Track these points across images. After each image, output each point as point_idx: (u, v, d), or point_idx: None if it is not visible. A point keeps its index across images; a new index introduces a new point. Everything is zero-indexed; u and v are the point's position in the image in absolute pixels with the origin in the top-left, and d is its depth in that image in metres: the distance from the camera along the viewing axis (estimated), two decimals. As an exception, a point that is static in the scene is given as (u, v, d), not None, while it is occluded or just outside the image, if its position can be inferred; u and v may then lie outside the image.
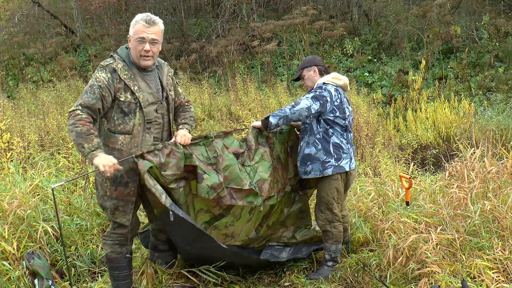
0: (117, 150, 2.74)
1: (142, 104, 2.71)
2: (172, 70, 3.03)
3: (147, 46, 2.69)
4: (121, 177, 2.75)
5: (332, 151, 3.27)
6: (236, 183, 3.08)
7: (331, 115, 3.25)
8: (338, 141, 3.28)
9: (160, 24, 2.75)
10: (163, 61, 2.99)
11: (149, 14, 2.75)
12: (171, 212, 2.68)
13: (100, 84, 2.65)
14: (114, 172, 2.56)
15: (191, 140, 2.92)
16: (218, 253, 3.05)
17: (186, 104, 3.08)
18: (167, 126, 2.92)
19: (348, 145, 3.36)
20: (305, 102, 3.17)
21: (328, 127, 3.28)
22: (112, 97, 2.69)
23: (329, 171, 3.27)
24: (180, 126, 2.96)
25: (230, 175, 3.06)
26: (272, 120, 3.20)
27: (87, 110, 2.63)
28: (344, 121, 3.29)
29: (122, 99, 2.69)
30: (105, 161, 2.52)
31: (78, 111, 2.61)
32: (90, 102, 2.63)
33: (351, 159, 3.36)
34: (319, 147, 3.27)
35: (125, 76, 2.70)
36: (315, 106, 3.17)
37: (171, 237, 3.07)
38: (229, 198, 3.05)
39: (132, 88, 2.70)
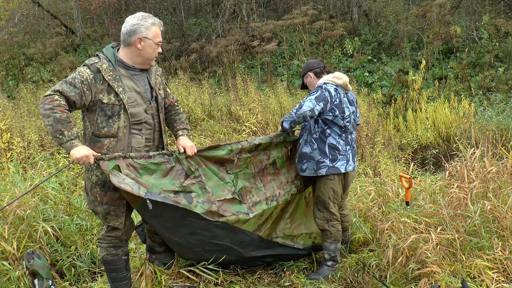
0: (104, 155, 2.67)
1: (126, 106, 2.64)
2: (160, 69, 2.97)
3: (160, 48, 2.76)
4: (109, 182, 2.67)
5: (327, 152, 3.28)
6: (217, 195, 3.04)
7: (330, 114, 3.26)
8: (334, 142, 3.29)
9: None
10: None
11: (150, 15, 2.76)
12: (148, 201, 2.57)
13: (83, 79, 2.57)
14: (87, 164, 2.51)
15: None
16: (205, 233, 2.97)
17: (175, 104, 3.05)
18: (158, 127, 2.87)
19: (347, 146, 3.34)
20: (308, 104, 3.19)
21: (325, 127, 3.29)
22: (92, 97, 2.61)
23: (322, 171, 3.29)
24: (180, 133, 2.97)
25: (213, 188, 3.04)
26: (285, 125, 3.33)
27: (65, 99, 2.55)
28: (342, 121, 3.29)
29: (105, 101, 2.61)
30: (81, 153, 2.47)
31: (57, 97, 2.51)
32: (68, 93, 2.54)
33: (348, 161, 3.33)
34: (315, 146, 3.30)
35: (109, 77, 2.62)
36: (318, 107, 3.20)
37: (158, 232, 3.00)
38: (221, 211, 2.99)
39: (116, 89, 2.62)
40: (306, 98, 3.26)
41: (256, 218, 3.22)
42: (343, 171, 3.31)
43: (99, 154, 2.58)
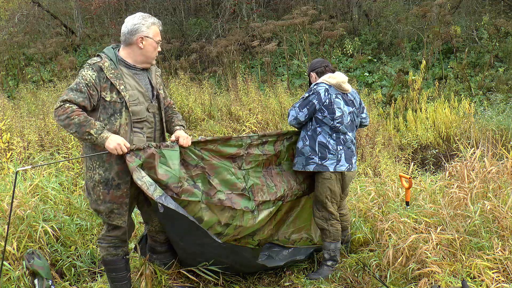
0: (133, 145, 2.70)
1: (128, 104, 2.67)
2: (160, 70, 3.04)
3: (159, 48, 2.83)
4: (112, 180, 2.71)
5: (317, 149, 3.33)
6: (228, 188, 3.12)
7: (320, 114, 3.32)
8: (324, 141, 3.32)
9: None
10: None
11: (149, 15, 2.82)
12: (159, 205, 2.63)
13: (87, 82, 2.61)
14: (121, 152, 2.59)
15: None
16: (210, 249, 2.99)
17: (173, 106, 3.11)
18: (159, 125, 2.90)
19: (338, 146, 3.34)
20: (292, 113, 3.40)
21: (317, 126, 3.35)
22: (98, 96, 2.65)
23: (310, 168, 3.33)
24: (177, 127, 2.97)
25: (221, 182, 3.10)
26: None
27: (75, 105, 2.59)
28: (332, 122, 3.30)
29: (107, 99, 2.65)
30: (114, 144, 2.57)
31: (67, 105, 2.57)
32: (76, 100, 2.58)
33: (338, 161, 3.33)
34: (307, 142, 3.36)
35: (111, 75, 2.65)
36: (302, 114, 3.34)
37: (167, 232, 3.03)
38: (230, 203, 3.08)
39: (118, 87, 2.65)
40: (292, 106, 3.43)
41: (262, 220, 3.27)
42: (331, 170, 3.31)
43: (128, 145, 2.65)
